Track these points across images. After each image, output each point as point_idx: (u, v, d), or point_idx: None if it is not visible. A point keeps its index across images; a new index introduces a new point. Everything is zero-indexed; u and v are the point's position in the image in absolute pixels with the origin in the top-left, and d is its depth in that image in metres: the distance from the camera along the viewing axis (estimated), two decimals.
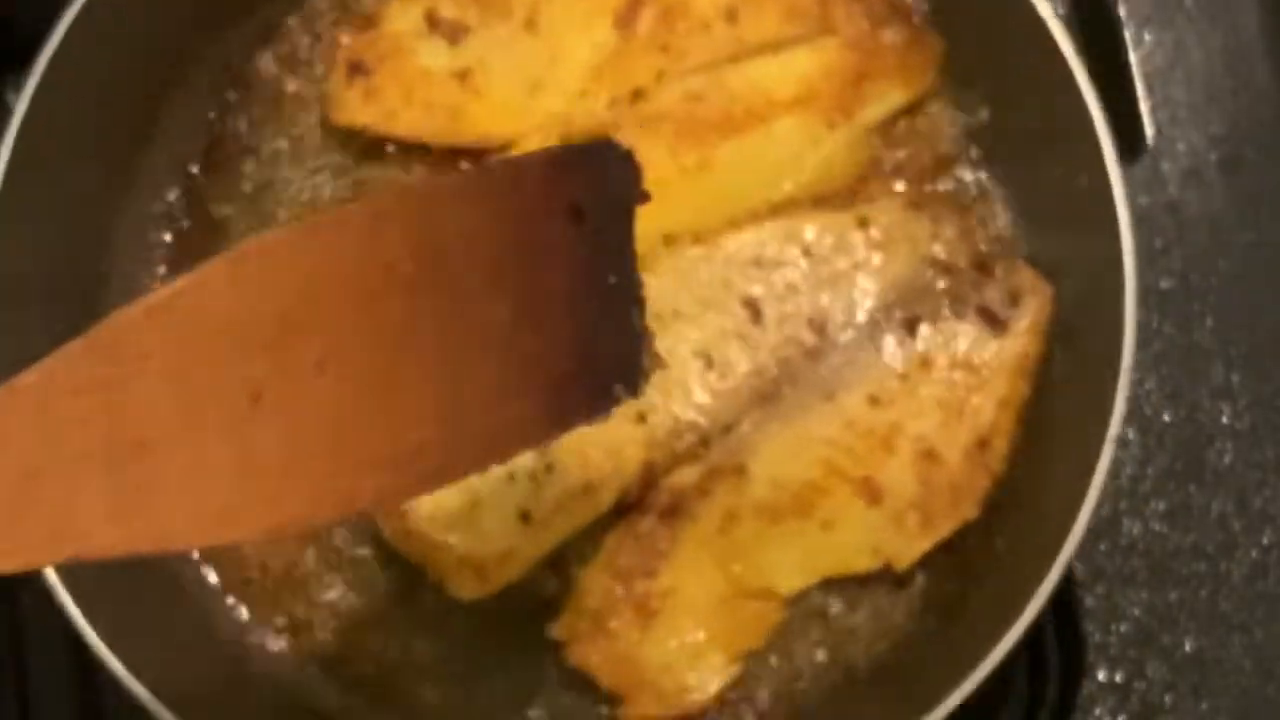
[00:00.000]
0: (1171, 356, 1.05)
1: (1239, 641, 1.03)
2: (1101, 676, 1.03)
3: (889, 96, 1.03)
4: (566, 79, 1.03)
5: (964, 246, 1.00)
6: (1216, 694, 1.03)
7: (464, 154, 1.02)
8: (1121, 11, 1.09)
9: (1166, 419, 1.04)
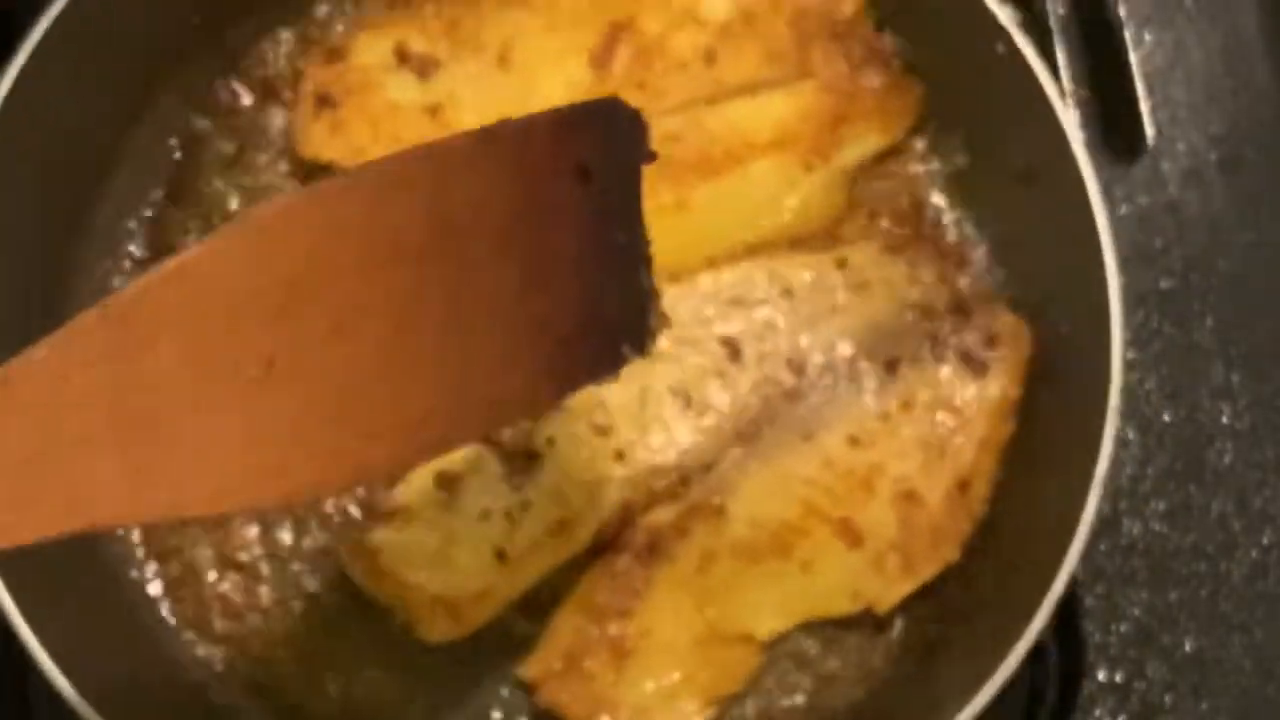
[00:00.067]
0: (1171, 356, 1.04)
1: (1239, 641, 1.02)
2: (1101, 676, 1.01)
3: (867, 140, 1.02)
4: None
5: (942, 289, 1.00)
6: (1216, 694, 1.02)
7: None
8: (1121, 11, 1.09)
9: (1166, 419, 1.04)
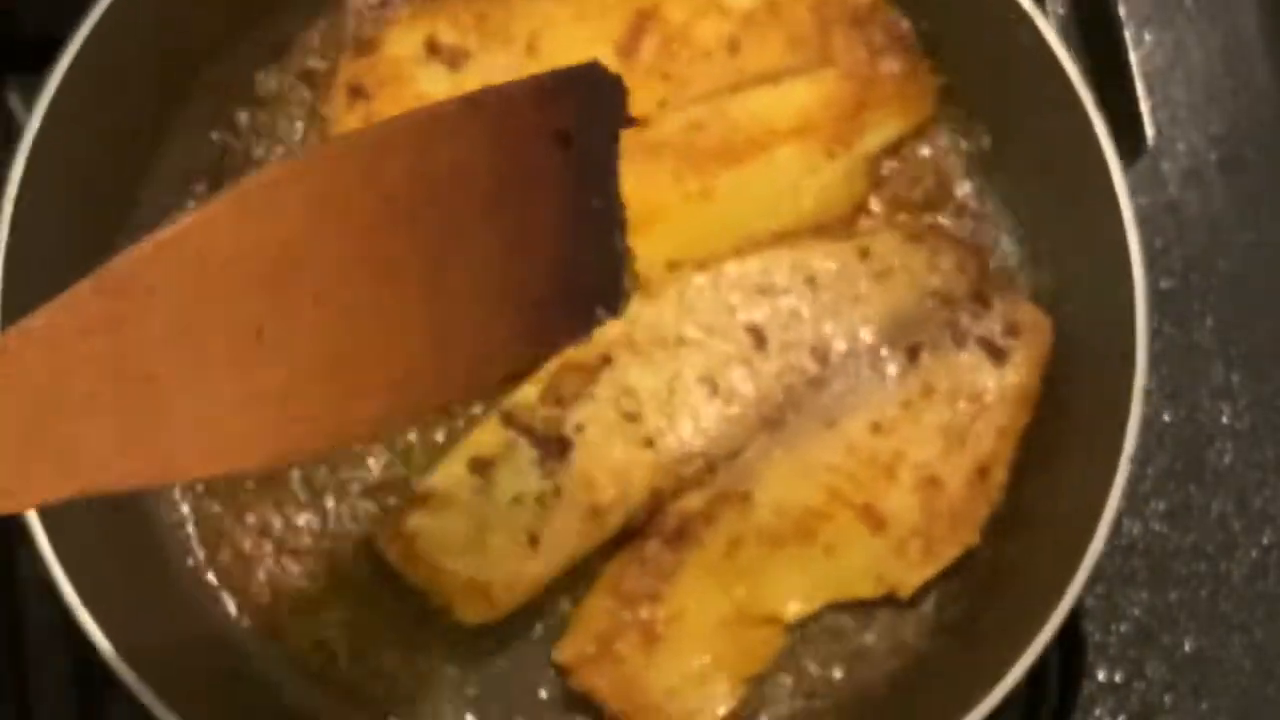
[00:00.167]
0: (1171, 356, 1.05)
1: (1239, 641, 1.03)
2: (1101, 676, 1.03)
3: (887, 126, 1.04)
4: None
5: (963, 277, 1.01)
6: (1216, 694, 1.03)
7: None
8: (1121, 11, 1.09)
9: (1166, 419, 1.05)
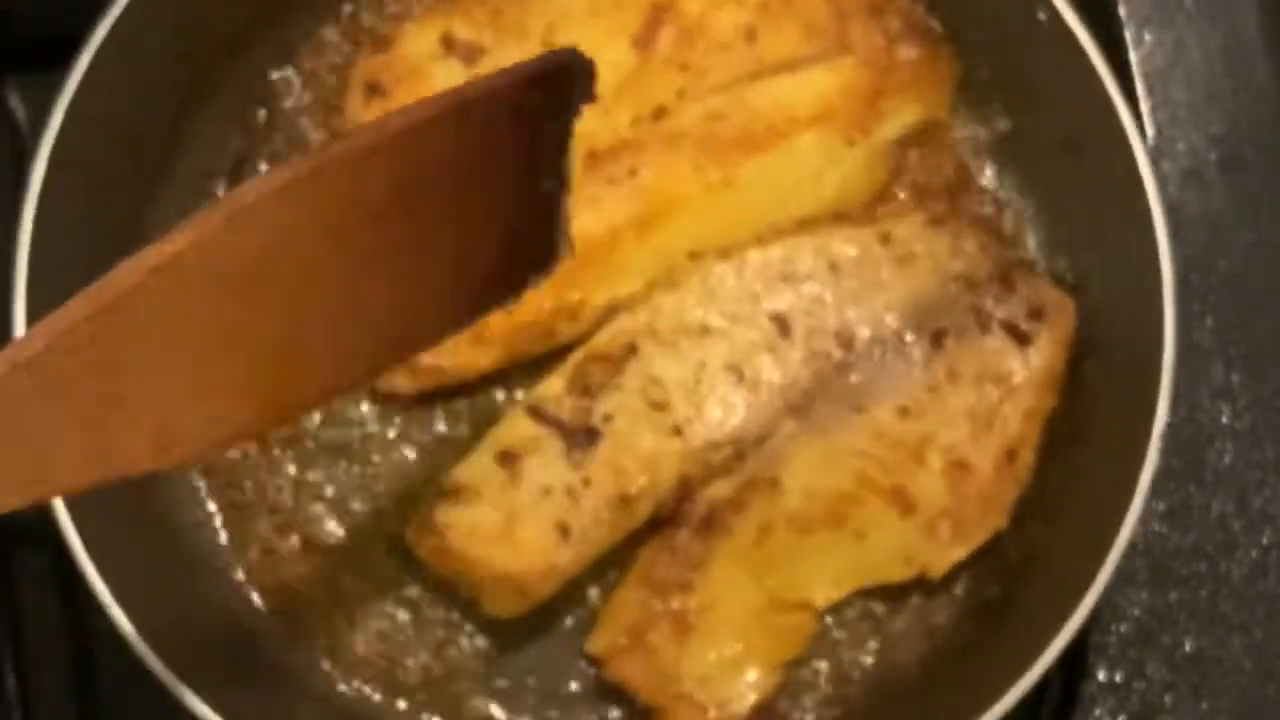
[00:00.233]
0: None
1: (1239, 641, 1.04)
2: (1101, 676, 1.03)
3: (905, 112, 1.04)
4: None
5: (985, 261, 1.01)
6: (1216, 694, 1.03)
7: None
8: (1121, 11, 1.10)
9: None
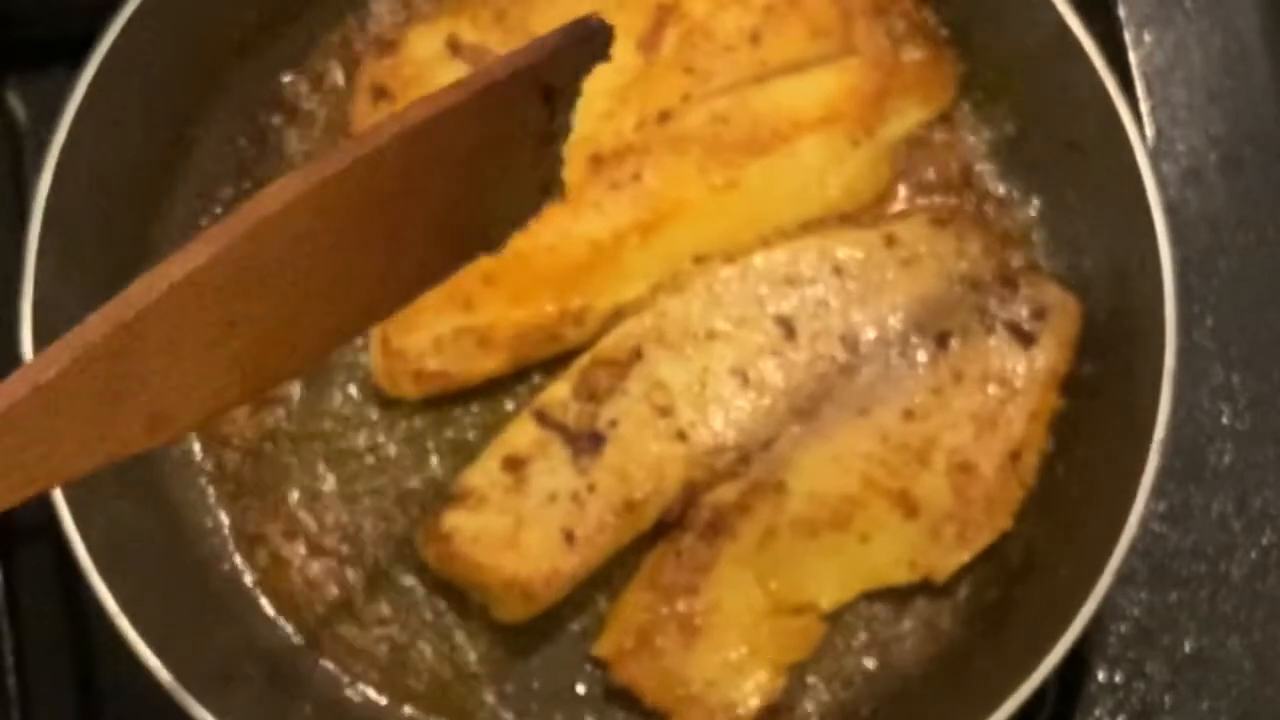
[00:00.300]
0: None
1: (1239, 641, 1.04)
2: (1101, 676, 1.04)
3: (910, 114, 1.04)
4: (590, 101, 1.01)
5: (990, 262, 1.01)
6: (1216, 694, 1.04)
7: None
8: (1121, 11, 1.10)
9: None
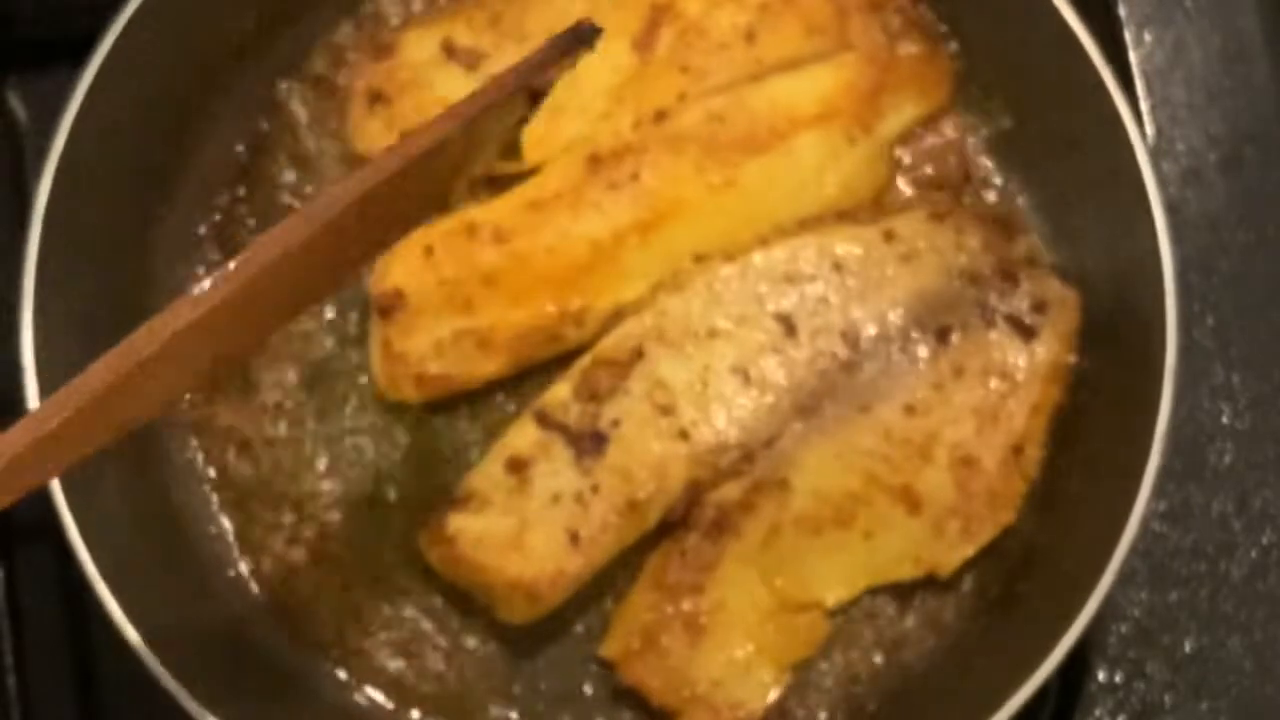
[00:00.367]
0: None
1: (1239, 641, 1.04)
2: (1101, 676, 1.04)
3: (906, 109, 1.04)
4: (587, 102, 1.03)
5: (989, 256, 1.01)
6: (1216, 694, 1.04)
7: (489, 180, 1.03)
8: (1121, 11, 1.10)
9: None
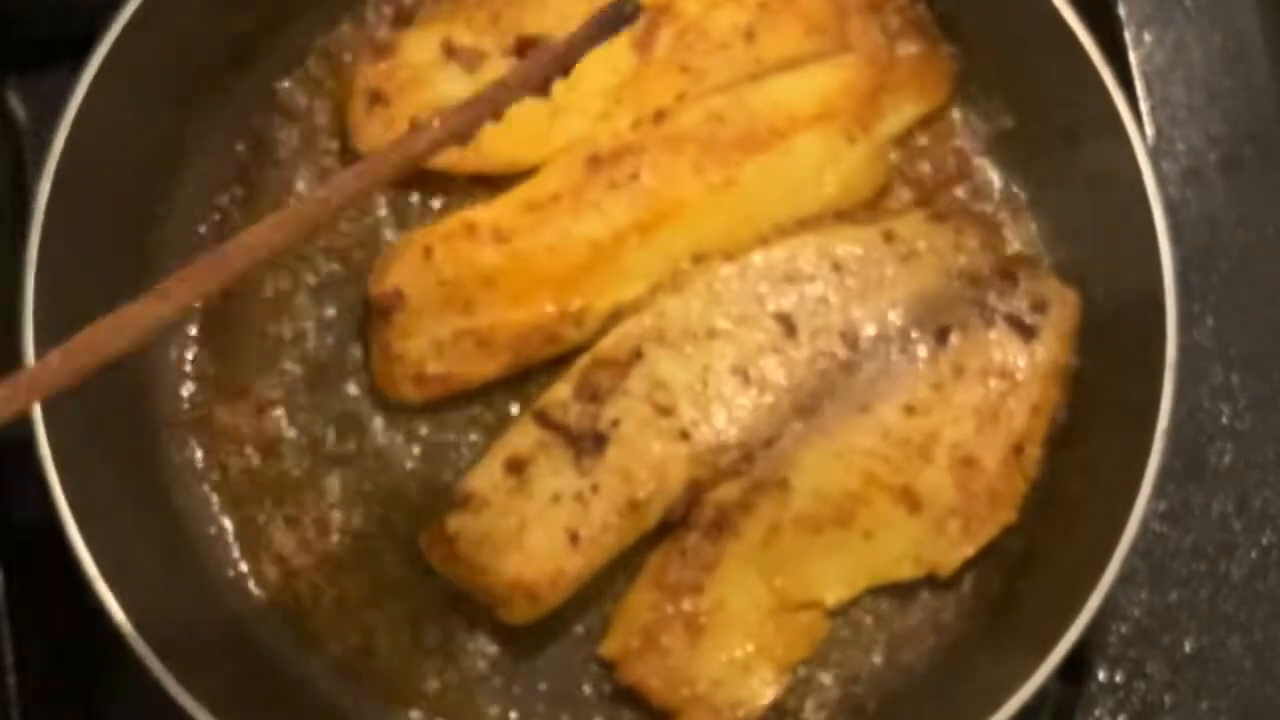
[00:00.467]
0: None
1: (1239, 641, 1.04)
2: (1101, 676, 1.04)
3: (905, 109, 1.04)
4: (587, 102, 1.03)
5: (988, 256, 1.02)
6: (1216, 694, 1.04)
7: (488, 180, 1.03)
8: (1121, 11, 1.10)
9: None
